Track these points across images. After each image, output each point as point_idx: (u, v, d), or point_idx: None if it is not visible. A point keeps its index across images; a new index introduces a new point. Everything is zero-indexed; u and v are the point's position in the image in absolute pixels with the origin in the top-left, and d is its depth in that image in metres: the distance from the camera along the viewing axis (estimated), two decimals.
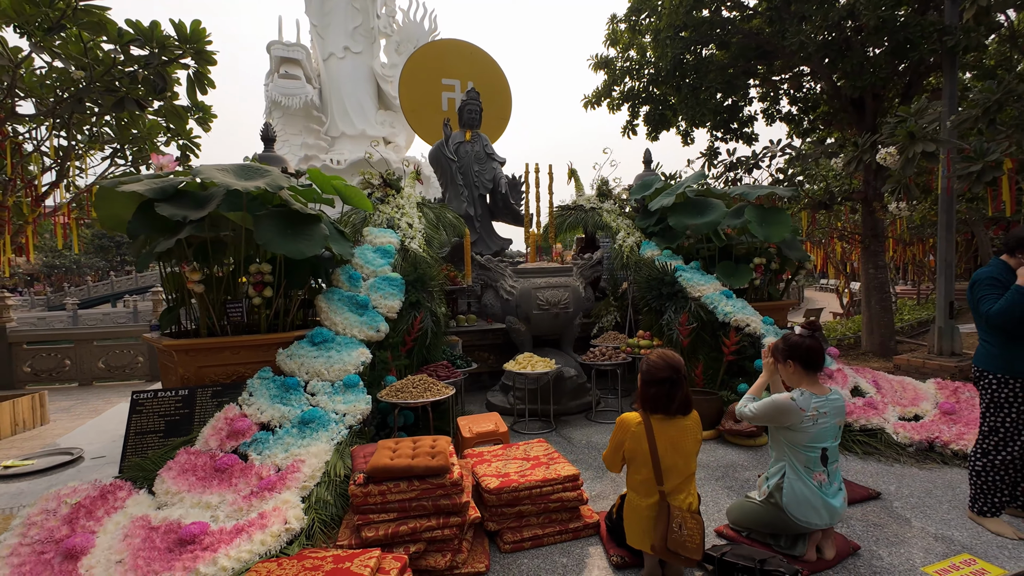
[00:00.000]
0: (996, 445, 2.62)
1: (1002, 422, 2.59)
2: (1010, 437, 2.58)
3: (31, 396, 6.75)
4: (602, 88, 9.89)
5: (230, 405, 3.39)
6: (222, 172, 3.49)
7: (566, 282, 5.12)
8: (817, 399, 2.34)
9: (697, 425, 2.31)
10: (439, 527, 2.39)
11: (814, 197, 8.83)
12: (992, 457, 2.63)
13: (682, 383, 2.24)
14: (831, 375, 4.36)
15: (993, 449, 2.63)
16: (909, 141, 5.57)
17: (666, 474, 2.24)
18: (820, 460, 2.34)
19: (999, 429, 2.60)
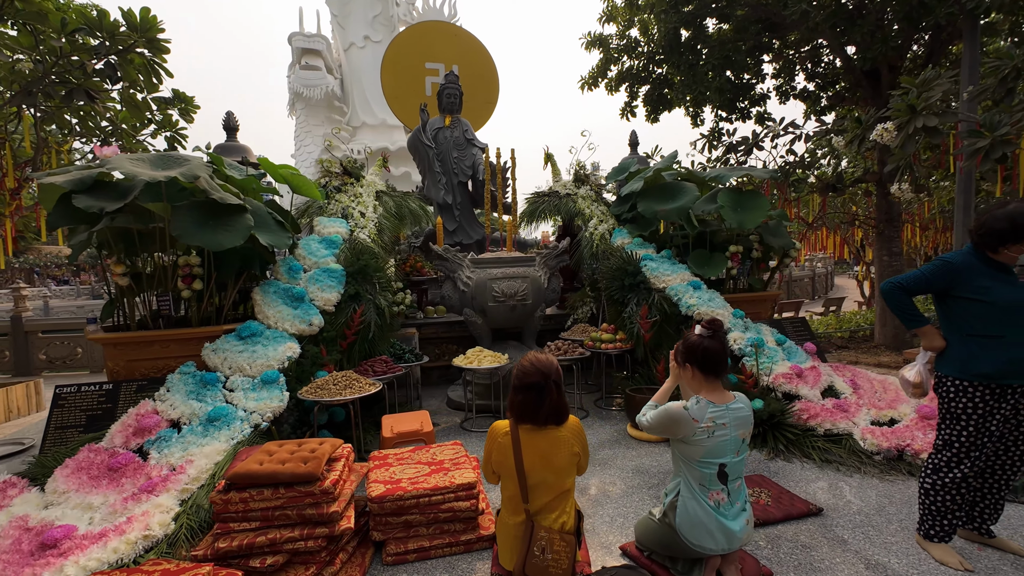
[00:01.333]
0: (948, 461, 2.27)
1: (957, 435, 2.23)
2: (965, 453, 2.23)
3: (25, 384, 6.98)
4: (597, 68, 9.46)
5: (145, 400, 3.32)
6: (136, 162, 3.40)
7: (524, 272, 4.87)
8: (715, 408, 2.06)
9: (575, 436, 2.06)
10: (302, 538, 2.23)
11: (823, 180, 8.24)
12: (943, 475, 2.28)
13: (552, 390, 2.00)
14: (801, 373, 3.99)
15: (944, 466, 2.28)
16: (909, 115, 5.04)
17: (533, 491, 2.01)
18: (717, 477, 2.06)
19: (953, 443, 2.25)
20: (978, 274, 2.17)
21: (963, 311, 2.21)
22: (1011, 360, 2.12)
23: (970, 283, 2.18)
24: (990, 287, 2.14)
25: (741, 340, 4.18)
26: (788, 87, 10.87)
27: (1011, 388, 2.14)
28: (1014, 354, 2.12)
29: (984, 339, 2.19)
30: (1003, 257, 2.16)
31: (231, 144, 5.61)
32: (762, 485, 3.05)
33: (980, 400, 2.15)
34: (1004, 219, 2.10)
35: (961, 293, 2.20)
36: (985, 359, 2.15)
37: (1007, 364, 2.12)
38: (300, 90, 28.49)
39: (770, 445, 3.62)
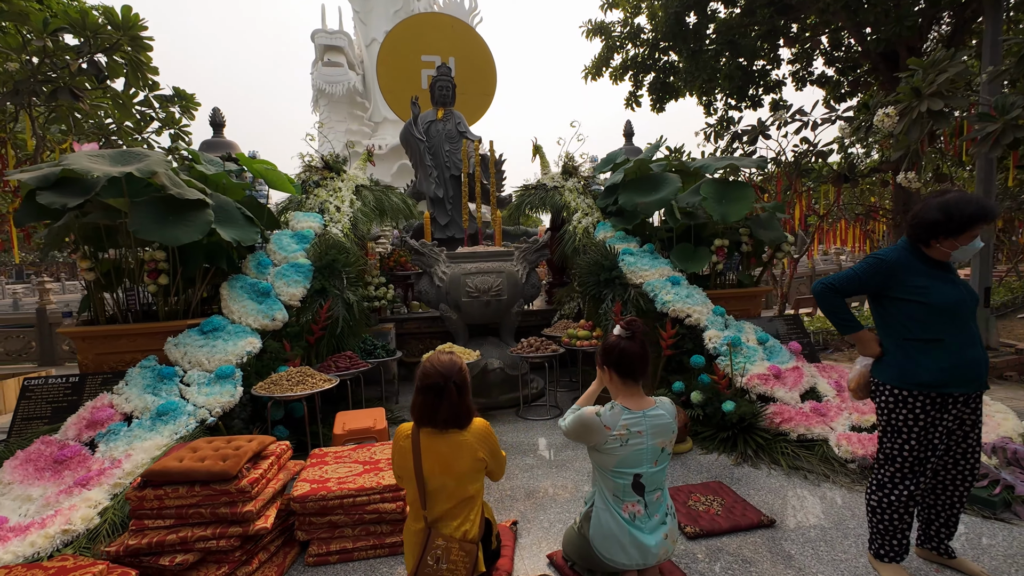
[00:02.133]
0: (892, 477, 2.07)
1: (899, 449, 2.03)
2: (909, 468, 2.02)
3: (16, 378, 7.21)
4: (600, 57, 9.21)
5: (103, 394, 3.38)
6: (94, 159, 3.43)
7: (499, 267, 4.76)
8: (629, 415, 1.93)
9: (480, 441, 1.96)
10: (214, 537, 2.20)
11: (837, 169, 7.83)
12: (888, 492, 2.07)
13: (451, 392, 1.90)
14: (779, 374, 3.78)
15: (889, 482, 2.07)
16: (914, 99, 4.70)
17: (432, 497, 1.92)
18: (632, 488, 1.93)
19: (895, 458, 2.05)
20: (914, 272, 1.96)
21: (899, 313, 2.00)
22: (952, 366, 1.91)
23: (905, 282, 1.97)
24: (927, 287, 1.93)
25: (717, 339, 3.98)
26: (805, 73, 10.40)
27: (952, 397, 1.93)
28: (955, 359, 1.91)
29: (922, 343, 1.97)
30: (936, 252, 1.95)
31: (217, 140, 5.66)
32: (718, 493, 2.89)
33: (921, 411, 1.95)
34: (937, 209, 1.89)
35: (896, 293, 1.99)
36: (924, 366, 1.94)
37: (947, 371, 1.91)
38: (323, 86, 28.89)
39: (739, 450, 3.44)
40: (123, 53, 5.17)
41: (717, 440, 3.58)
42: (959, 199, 1.87)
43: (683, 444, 3.58)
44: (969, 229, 1.88)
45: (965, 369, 1.90)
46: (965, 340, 1.91)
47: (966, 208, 1.86)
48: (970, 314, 1.94)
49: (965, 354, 1.90)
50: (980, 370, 1.92)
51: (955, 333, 1.91)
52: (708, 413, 3.70)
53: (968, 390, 1.92)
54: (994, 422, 3.30)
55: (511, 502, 2.97)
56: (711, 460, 3.42)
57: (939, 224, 1.90)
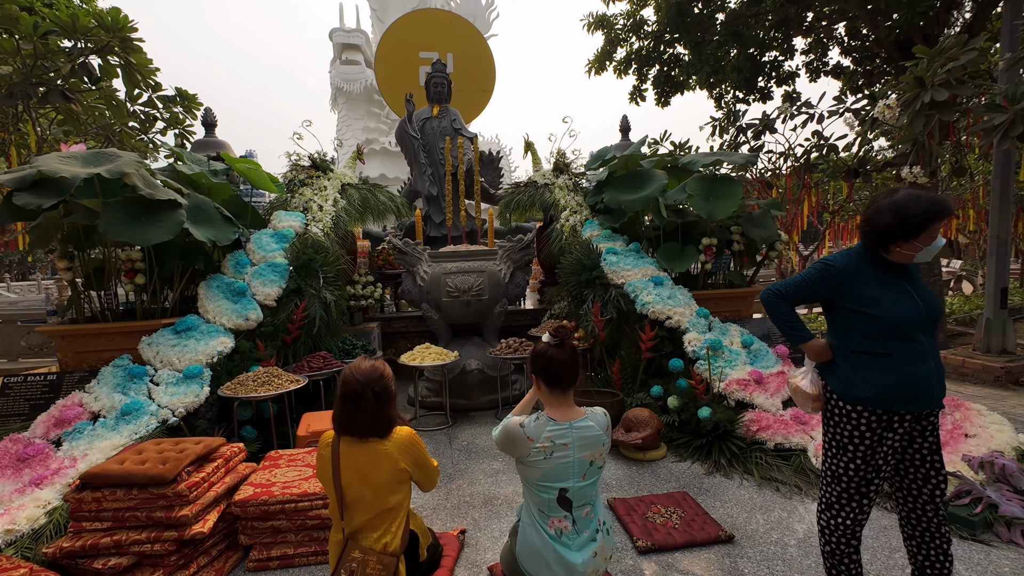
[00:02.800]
0: (839, 498, 1.88)
1: (845, 468, 1.87)
2: (855, 490, 1.84)
3: None
4: (602, 51, 9.02)
5: (75, 392, 3.43)
6: (66, 160, 3.47)
7: (481, 267, 4.68)
8: (554, 426, 1.83)
9: (402, 451, 1.89)
10: (149, 541, 2.20)
11: (847, 164, 7.51)
12: (835, 513, 1.89)
13: (369, 400, 1.84)
14: (761, 380, 3.62)
15: (836, 503, 1.89)
16: (917, 89, 4.45)
17: (351, 507, 1.87)
18: (558, 503, 1.84)
19: (841, 477, 1.88)
20: (866, 280, 1.80)
21: (846, 324, 1.84)
22: (897, 383, 1.75)
23: (855, 291, 1.81)
24: (877, 297, 1.76)
25: (696, 342, 3.84)
26: (819, 63, 10.01)
27: (898, 415, 1.77)
28: (900, 375, 1.75)
29: (869, 357, 1.80)
30: (898, 257, 1.78)
31: (208, 140, 5.71)
32: (681, 504, 2.77)
33: (867, 427, 1.80)
34: (889, 212, 1.71)
35: (845, 303, 1.83)
36: (869, 381, 1.78)
37: (892, 387, 1.75)
38: (341, 85, 29.15)
39: (714, 458, 3.31)
40: (115, 54, 5.24)
41: (692, 448, 3.45)
42: (908, 198, 1.71)
43: (657, 451, 3.46)
44: (925, 229, 1.71)
45: (911, 384, 1.74)
46: (914, 354, 1.74)
47: (917, 206, 1.69)
48: (923, 327, 1.76)
49: (911, 369, 1.74)
50: (928, 386, 1.74)
51: (902, 347, 1.75)
52: (684, 419, 3.56)
53: (915, 408, 1.75)
54: (987, 434, 3.09)
55: (467, 509, 2.90)
56: (683, 468, 3.30)
57: (893, 228, 1.73)
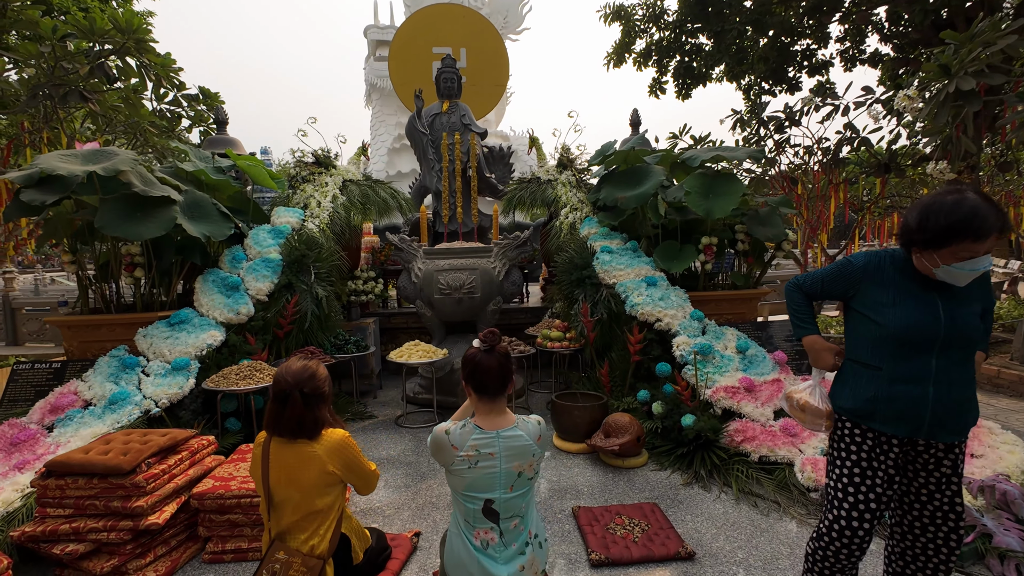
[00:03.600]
0: (831, 526, 1.69)
1: (835, 488, 1.70)
2: (848, 518, 1.64)
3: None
4: (620, 43, 8.77)
5: (72, 380, 3.59)
6: (66, 158, 3.61)
7: (473, 264, 4.64)
8: (480, 435, 1.77)
9: (331, 454, 1.87)
10: (105, 529, 2.26)
11: (878, 158, 7.06)
12: (825, 544, 1.70)
13: (296, 401, 1.82)
14: (752, 387, 3.43)
15: (827, 533, 1.69)
16: (942, 78, 4.11)
17: (278, 508, 1.86)
18: (484, 514, 1.78)
19: (834, 500, 1.69)
20: (882, 284, 1.62)
21: (854, 327, 1.71)
22: (875, 398, 1.60)
23: (867, 294, 1.64)
24: (886, 304, 1.59)
25: (685, 345, 3.68)
26: (856, 51, 9.45)
27: (885, 436, 1.61)
28: (881, 391, 1.59)
29: (859, 366, 1.67)
30: (919, 265, 1.57)
31: (220, 137, 5.87)
32: (647, 517, 2.66)
33: (852, 442, 1.64)
34: (915, 212, 1.52)
35: (855, 305, 1.68)
36: (848, 389, 1.66)
37: (868, 402, 1.61)
38: (375, 81, 29.59)
39: (694, 468, 3.16)
40: (131, 55, 5.44)
41: (674, 456, 3.31)
42: (941, 203, 1.47)
43: (636, 458, 3.34)
44: (948, 245, 1.45)
45: (891, 404, 1.57)
46: (910, 374, 1.55)
47: (942, 217, 1.45)
48: (941, 347, 1.54)
49: (898, 389, 1.56)
50: (916, 411, 1.55)
51: (900, 365, 1.57)
52: (667, 426, 3.43)
53: (897, 432, 1.58)
54: (996, 455, 2.83)
55: (431, 510, 2.88)
56: (661, 478, 3.17)
57: (912, 231, 1.53)
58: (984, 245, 1.44)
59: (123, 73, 5.61)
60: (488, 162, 7.62)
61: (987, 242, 1.44)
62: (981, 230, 1.42)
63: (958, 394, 1.55)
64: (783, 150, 7.73)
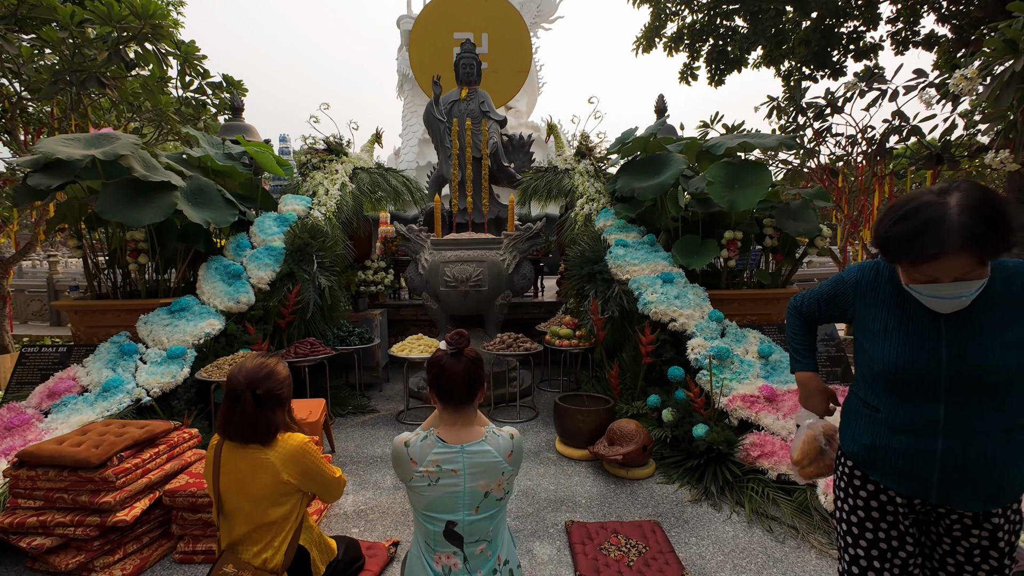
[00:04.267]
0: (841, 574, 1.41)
1: (839, 534, 1.43)
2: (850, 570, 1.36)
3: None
4: (649, 27, 8.36)
5: (73, 365, 3.59)
6: (67, 143, 3.59)
7: (481, 256, 4.44)
8: (443, 449, 1.58)
9: (287, 462, 1.71)
10: (72, 524, 2.19)
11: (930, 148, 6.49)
12: None
13: (247, 402, 1.67)
14: (773, 397, 3.12)
15: None
16: (1006, 55, 3.64)
17: (229, 517, 1.72)
18: (445, 537, 1.59)
19: (840, 547, 1.42)
20: (876, 305, 1.30)
21: (857, 355, 1.40)
22: (872, 446, 1.30)
23: (862, 316, 1.34)
24: (877, 333, 1.28)
25: (701, 348, 3.39)
26: (909, 32, 8.74)
27: (890, 491, 1.30)
28: (880, 439, 1.28)
29: (859, 403, 1.37)
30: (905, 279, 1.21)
31: (234, 124, 5.84)
32: (646, 537, 2.43)
33: (849, 485, 1.36)
34: (884, 216, 1.17)
35: (855, 330, 1.38)
36: (852, 430, 1.37)
37: (866, 449, 1.31)
38: (407, 71, 29.66)
39: (705, 483, 2.90)
40: (149, 41, 5.45)
41: (683, 469, 3.05)
42: (897, 205, 1.13)
43: (642, 469, 3.10)
44: (902, 260, 1.14)
45: (891, 457, 1.26)
46: (912, 422, 1.22)
47: (884, 225, 1.14)
48: (946, 391, 1.18)
49: (898, 440, 1.25)
50: (920, 469, 1.22)
51: (900, 408, 1.25)
52: (677, 436, 3.16)
53: (900, 489, 1.27)
54: None
55: None
56: (667, 492, 2.92)
57: (876, 238, 1.20)
58: (939, 269, 1.08)
59: (141, 59, 5.64)
60: (507, 151, 7.40)
61: (945, 265, 1.06)
62: (922, 252, 1.06)
63: (982, 453, 1.15)
64: (823, 140, 7.21)
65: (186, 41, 6.46)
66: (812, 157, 7.53)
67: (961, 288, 1.10)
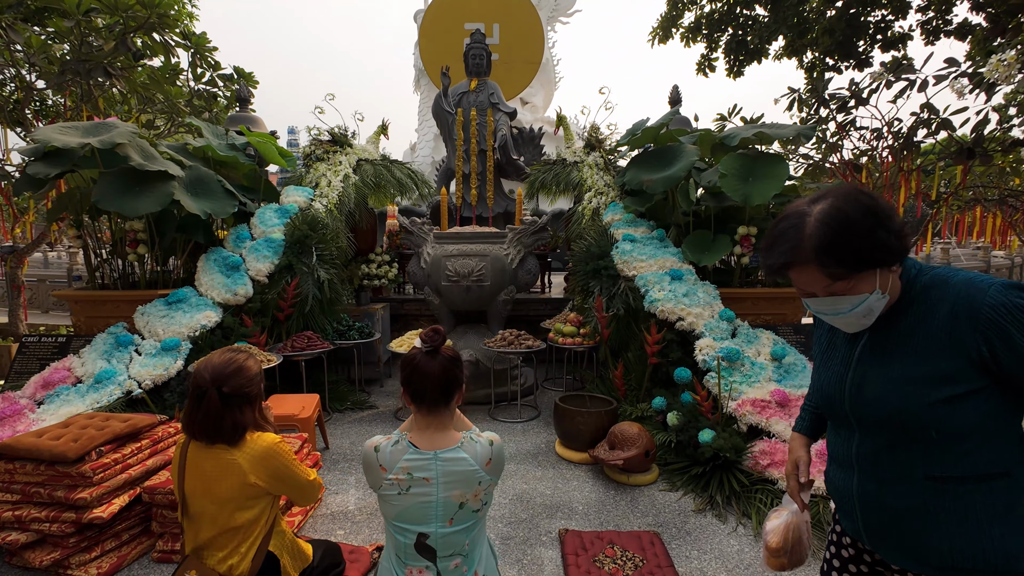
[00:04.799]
0: None
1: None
2: None
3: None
4: (666, 17, 8.10)
5: (69, 356, 3.56)
6: (64, 131, 3.55)
7: (484, 251, 4.31)
8: (415, 455, 1.46)
9: (255, 464, 1.61)
10: (48, 520, 2.13)
11: (961, 142, 6.16)
12: None
13: (212, 400, 1.57)
14: (784, 402, 2.94)
15: None
16: None
17: (194, 520, 1.63)
18: (416, 550, 1.47)
19: None
20: (823, 327, 1.19)
21: None
22: (829, 478, 1.18)
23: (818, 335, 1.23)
24: (816, 355, 1.21)
25: (709, 349, 3.22)
26: (940, 21, 8.34)
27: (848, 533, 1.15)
28: (830, 470, 1.18)
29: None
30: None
31: (240, 115, 5.80)
32: (645, 549, 2.28)
33: (833, 524, 1.23)
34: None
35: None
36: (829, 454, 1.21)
37: (828, 480, 1.19)
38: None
39: (710, 492, 2.74)
40: (156, 31, 5.42)
41: (688, 476, 2.89)
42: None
43: (645, 475, 2.95)
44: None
45: (830, 487, 1.17)
46: (835, 450, 1.13)
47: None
48: (856, 421, 1.04)
49: (833, 470, 1.15)
50: (846, 503, 1.10)
51: (830, 434, 1.17)
52: (682, 441, 3.01)
53: (847, 528, 1.14)
54: None
55: None
56: (670, 500, 2.77)
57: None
58: (798, 281, 0.99)
59: (149, 50, 5.62)
60: (517, 144, 7.26)
61: (801, 278, 0.98)
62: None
63: (899, 500, 0.99)
64: (847, 134, 6.92)
65: (197, 33, 6.45)
66: (835, 151, 7.24)
67: (840, 303, 0.97)
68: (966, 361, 0.91)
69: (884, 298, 0.97)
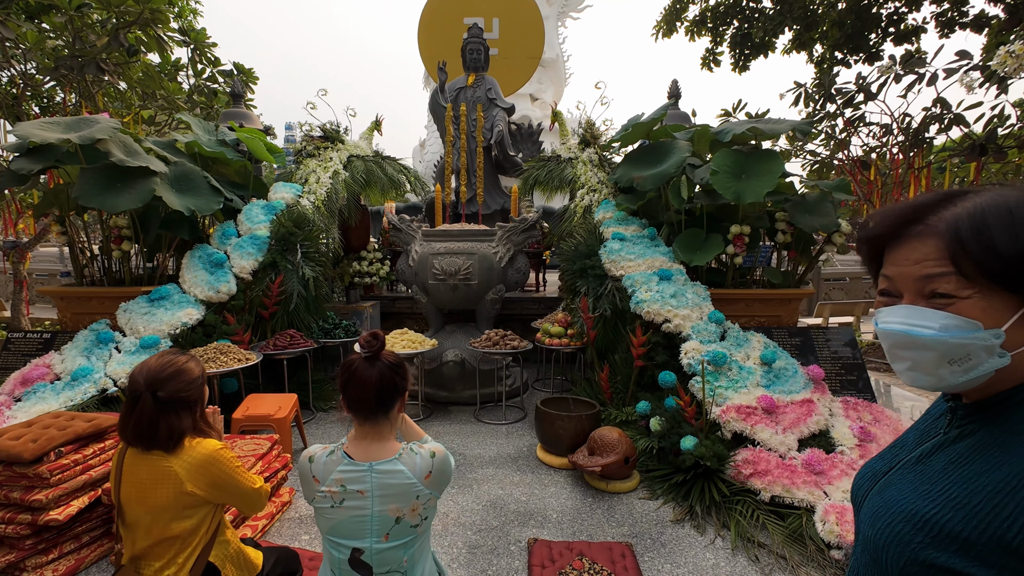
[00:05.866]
0: None
1: None
2: None
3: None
4: (669, 10, 7.93)
5: (50, 352, 3.55)
6: (45, 126, 3.53)
7: (471, 249, 4.23)
8: (349, 466, 1.38)
9: (194, 473, 1.55)
10: (3, 521, 2.10)
11: (973, 138, 5.94)
12: None
13: (146, 404, 1.51)
14: (772, 408, 2.83)
15: None
16: None
17: (130, 529, 1.57)
18: (351, 566, 1.40)
19: None
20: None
21: None
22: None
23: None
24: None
25: (695, 353, 3.11)
26: (956, 13, 8.06)
27: None
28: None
29: None
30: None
31: (234, 110, 5.77)
32: (615, 561, 2.19)
33: None
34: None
35: None
36: None
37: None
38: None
39: (690, 501, 2.64)
40: (149, 26, 5.40)
41: (668, 484, 2.79)
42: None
43: (624, 482, 2.85)
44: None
45: None
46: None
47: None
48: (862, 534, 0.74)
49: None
50: None
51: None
52: (664, 447, 2.90)
53: None
54: None
55: None
56: (648, 509, 2.67)
57: None
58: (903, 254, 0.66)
59: (143, 45, 5.61)
60: (515, 140, 7.16)
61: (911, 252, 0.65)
62: (880, 213, 0.71)
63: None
64: (855, 130, 6.71)
65: (196, 29, 6.44)
66: (843, 148, 7.04)
67: (927, 318, 0.62)
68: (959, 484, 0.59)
69: (1004, 358, 0.59)
